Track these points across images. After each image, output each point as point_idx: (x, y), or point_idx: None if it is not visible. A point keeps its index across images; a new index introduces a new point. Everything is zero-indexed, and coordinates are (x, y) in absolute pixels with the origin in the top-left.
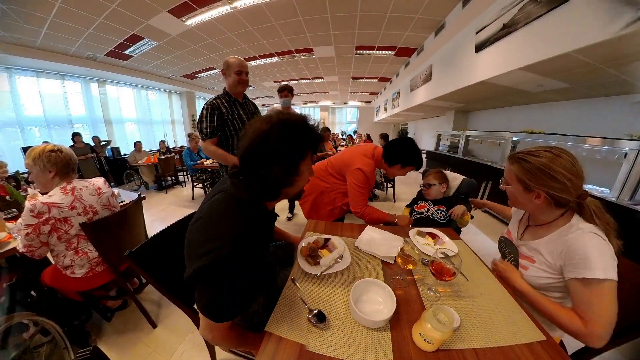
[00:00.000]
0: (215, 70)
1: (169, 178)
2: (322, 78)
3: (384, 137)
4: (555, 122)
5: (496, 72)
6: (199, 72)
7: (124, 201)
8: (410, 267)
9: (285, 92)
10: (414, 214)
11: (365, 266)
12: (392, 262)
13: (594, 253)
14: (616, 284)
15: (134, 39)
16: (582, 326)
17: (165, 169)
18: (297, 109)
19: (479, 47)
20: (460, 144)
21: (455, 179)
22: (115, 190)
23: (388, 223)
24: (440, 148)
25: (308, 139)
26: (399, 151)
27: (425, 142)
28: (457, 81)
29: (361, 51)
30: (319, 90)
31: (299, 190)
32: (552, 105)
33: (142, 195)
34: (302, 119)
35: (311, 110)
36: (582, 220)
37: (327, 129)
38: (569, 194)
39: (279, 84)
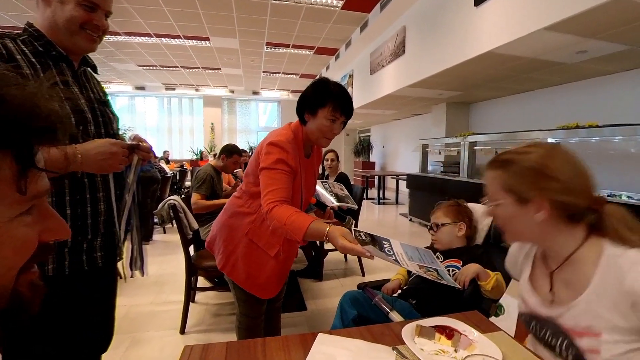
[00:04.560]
0: None
1: None
2: (207, 40)
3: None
4: (609, 107)
5: (510, 36)
6: None
7: None
8: None
9: None
10: (411, 273)
11: None
12: None
13: None
14: None
15: None
16: None
17: None
18: (155, 98)
19: None
20: (462, 158)
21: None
22: None
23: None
24: (430, 168)
25: None
26: (305, 95)
27: (404, 161)
28: (447, 54)
29: None
30: (203, 65)
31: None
32: (601, 81)
33: None
34: None
35: (186, 103)
36: (612, 243)
37: (233, 151)
38: (576, 197)
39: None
